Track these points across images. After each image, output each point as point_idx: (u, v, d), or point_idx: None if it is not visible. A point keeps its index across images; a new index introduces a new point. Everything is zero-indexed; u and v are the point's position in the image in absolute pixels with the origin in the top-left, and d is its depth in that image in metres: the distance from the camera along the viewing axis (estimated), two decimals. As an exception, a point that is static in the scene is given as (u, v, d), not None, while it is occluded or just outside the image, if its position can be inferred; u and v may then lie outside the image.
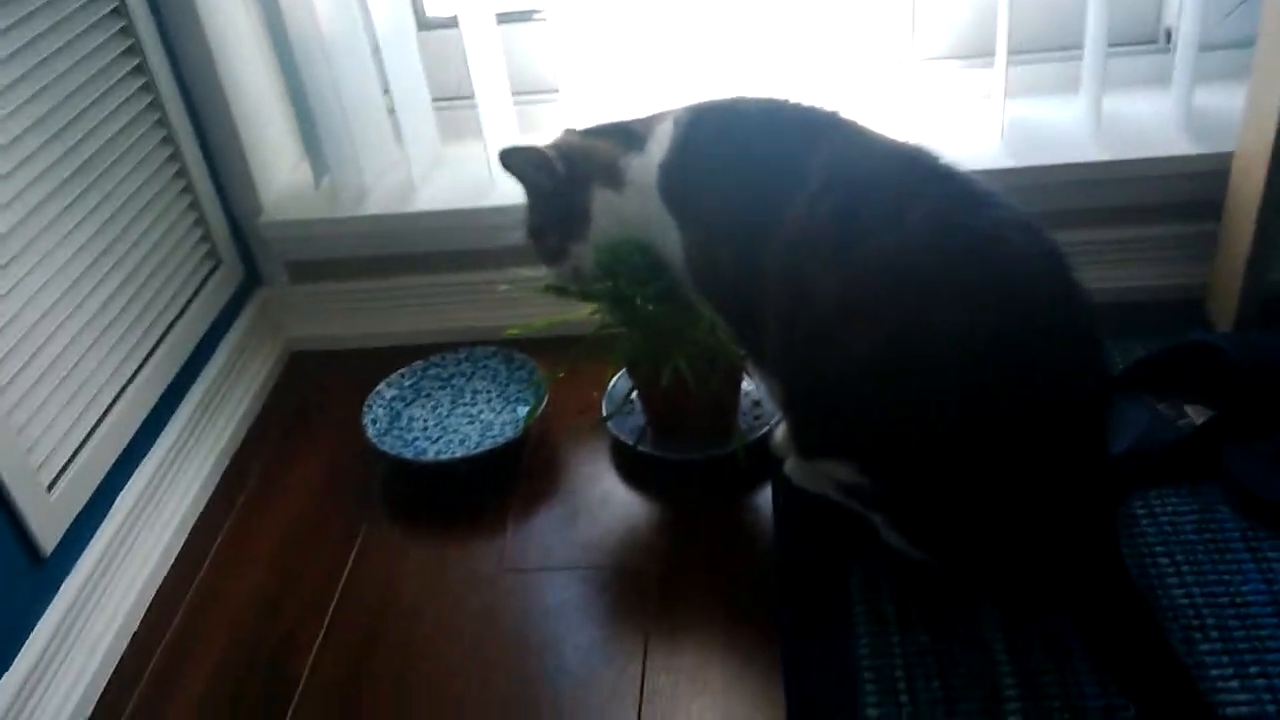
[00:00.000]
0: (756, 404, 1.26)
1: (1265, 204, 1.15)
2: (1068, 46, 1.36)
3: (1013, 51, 1.26)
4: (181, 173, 1.29)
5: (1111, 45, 1.26)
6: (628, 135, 1.05)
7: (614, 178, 1.04)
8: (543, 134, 1.40)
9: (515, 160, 1.07)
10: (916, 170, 0.92)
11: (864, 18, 1.37)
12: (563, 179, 1.06)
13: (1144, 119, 1.31)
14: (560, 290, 1.13)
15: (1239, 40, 1.30)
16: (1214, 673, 0.91)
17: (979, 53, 1.38)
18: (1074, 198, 1.29)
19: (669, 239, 1.03)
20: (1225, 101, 1.27)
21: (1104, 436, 0.91)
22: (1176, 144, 1.26)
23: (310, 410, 1.38)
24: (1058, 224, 0.92)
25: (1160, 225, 1.32)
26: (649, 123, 1.05)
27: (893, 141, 0.95)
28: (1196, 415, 1.11)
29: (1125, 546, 1.01)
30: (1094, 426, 0.91)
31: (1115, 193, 1.29)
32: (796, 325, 0.92)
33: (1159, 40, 1.38)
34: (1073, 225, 0.86)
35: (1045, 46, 1.38)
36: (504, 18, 1.35)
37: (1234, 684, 0.90)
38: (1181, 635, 0.94)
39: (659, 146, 1.02)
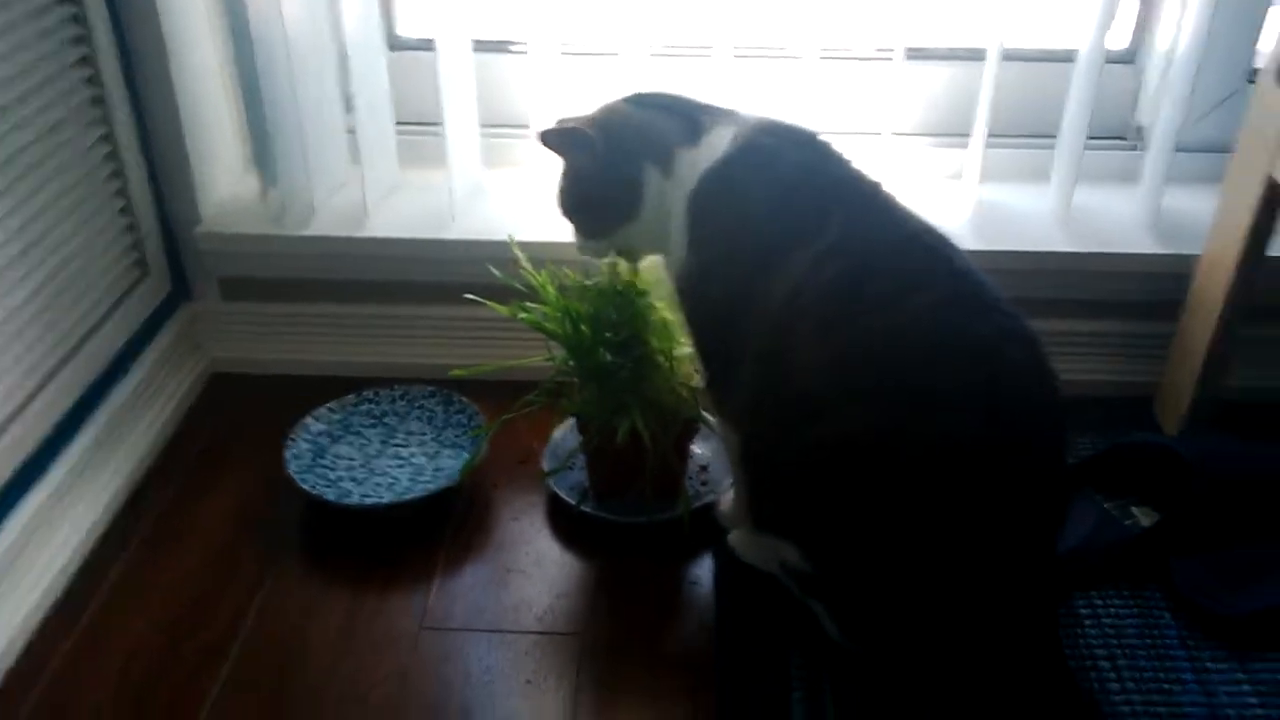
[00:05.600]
0: (703, 469, 1.21)
1: (1227, 310, 1.15)
2: (1038, 134, 1.37)
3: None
4: (118, 173, 1.21)
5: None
6: (692, 123, 0.99)
7: (665, 163, 0.98)
8: (510, 168, 1.39)
9: (555, 139, 1.02)
10: (931, 260, 0.89)
11: (839, 85, 1.36)
12: (603, 158, 0.99)
13: (1111, 214, 1.31)
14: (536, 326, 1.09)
15: (1208, 144, 1.32)
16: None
17: (947, 131, 1.38)
18: (1034, 286, 1.26)
19: (673, 249, 0.99)
20: (1192, 204, 1.29)
21: (1055, 548, 0.90)
22: (1142, 242, 1.26)
23: (228, 438, 1.30)
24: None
25: (1116, 321, 1.32)
26: (715, 117, 0.99)
27: (917, 222, 0.92)
28: (1144, 517, 1.10)
29: (1067, 647, 0.99)
30: (1048, 540, 0.89)
31: (1076, 285, 1.29)
32: (772, 385, 0.89)
33: (1129, 136, 1.40)
34: (1028, 313, 0.87)
35: (1014, 132, 1.38)
36: (479, 46, 1.31)
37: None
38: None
39: (711, 151, 0.96)
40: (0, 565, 1.01)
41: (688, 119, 0.99)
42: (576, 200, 1.04)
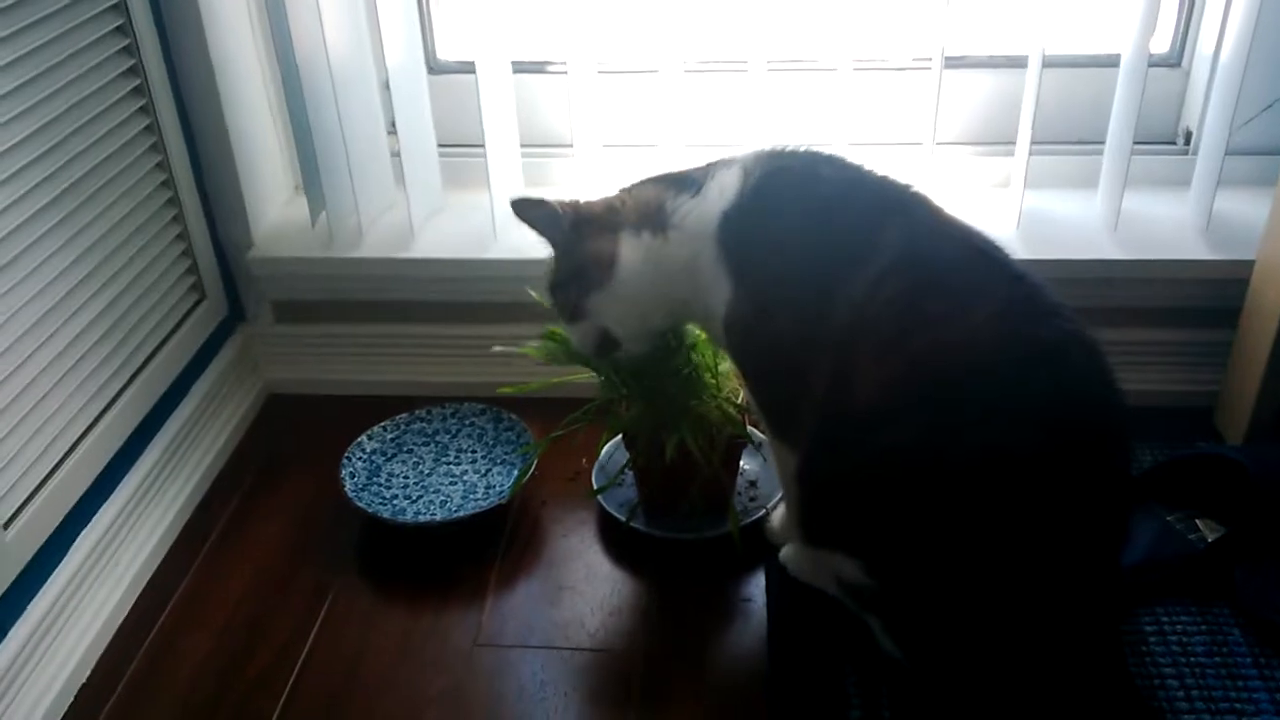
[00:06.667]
0: (752, 484, 1.21)
1: (1286, 316, 1.13)
2: (1083, 140, 1.36)
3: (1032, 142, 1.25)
4: (173, 200, 1.24)
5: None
6: (679, 180, 0.99)
7: (657, 221, 0.97)
8: (550, 188, 1.40)
9: (523, 210, 1.02)
10: (988, 266, 0.88)
11: (876, 96, 1.36)
12: (568, 230, 1.00)
13: (1162, 220, 1.29)
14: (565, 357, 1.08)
15: (1259, 148, 1.30)
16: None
17: (991, 140, 1.37)
18: (1085, 295, 1.26)
19: (713, 293, 0.96)
20: (1245, 208, 1.26)
21: (1119, 560, 0.89)
22: (1195, 248, 1.24)
23: (285, 458, 1.32)
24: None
25: (1171, 329, 1.30)
26: (707, 169, 0.99)
27: (965, 228, 0.91)
28: (1209, 530, 1.08)
29: (1134, 665, 0.97)
30: (1112, 551, 0.88)
31: (1128, 293, 1.27)
32: (834, 402, 0.88)
33: (1177, 141, 1.38)
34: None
35: (1059, 139, 1.36)
36: (518, 67, 1.33)
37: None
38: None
39: (721, 193, 0.96)
40: (70, 586, 1.04)
41: (676, 179, 0.99)
42: (557, 277, 1.02)
